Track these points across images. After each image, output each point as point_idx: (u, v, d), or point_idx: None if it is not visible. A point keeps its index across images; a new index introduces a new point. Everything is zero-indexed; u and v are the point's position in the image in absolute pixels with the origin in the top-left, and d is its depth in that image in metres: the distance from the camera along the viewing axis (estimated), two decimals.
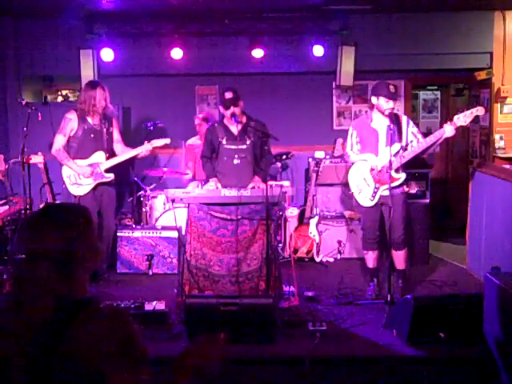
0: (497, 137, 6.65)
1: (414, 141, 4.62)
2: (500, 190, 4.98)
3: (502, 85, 6.56)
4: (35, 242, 1.54)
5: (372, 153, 4.69)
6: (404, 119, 4.74)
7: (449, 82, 7.93)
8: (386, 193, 4.52)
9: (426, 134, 4.79)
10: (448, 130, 4.42)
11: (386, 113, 4.55)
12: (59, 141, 5.11)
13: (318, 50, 6.40)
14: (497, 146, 6.63)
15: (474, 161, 6.96)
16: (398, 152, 4.59)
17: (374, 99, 4.62)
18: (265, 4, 6.09)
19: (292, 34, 6.51)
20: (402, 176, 4.64)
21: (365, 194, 4.73)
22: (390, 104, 4.52)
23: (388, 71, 6.68)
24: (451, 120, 4.49)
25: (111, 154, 5.29)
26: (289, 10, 6.31)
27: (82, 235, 1.59)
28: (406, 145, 4.65)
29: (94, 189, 5.17)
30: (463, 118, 4.40)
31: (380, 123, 4.65)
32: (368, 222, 4.79)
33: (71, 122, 5.11)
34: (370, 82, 7.03)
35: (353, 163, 4.84)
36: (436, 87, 8.51)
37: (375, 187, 4.68)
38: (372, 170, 4.67)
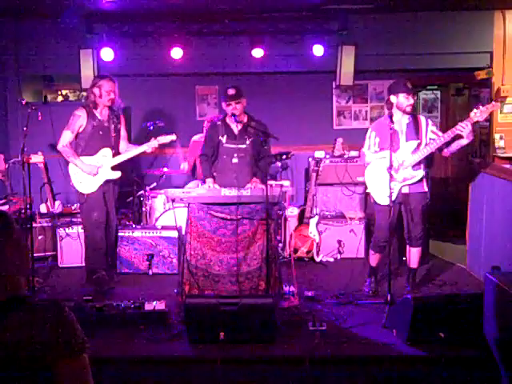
0: (497, 136, 6.65)
1: (436, 138, 4.55)
2: (500, 190, 4.97)
3: (502, 84, 6.56)
4: None
5: (392, 151, 4.52)
6: (422, 119, 4.71)
7: (449, 81, 7.93)
8: (406, 190, 4.53)
9: None
10: (463, 125, 4.38)
11: (408, 109, 4.55)
12: (66, 137, 4.97)
13: (318, 50, 6.41)
14: (497, 145, 6.63)
15: (474, 161, 6.95)
16: (417, 149, 4.55)
17: (393, 98, 4.60)
18: (265, 4, 6.08)
19: (292, 34, 6.51)
20: (420, 173, 4.60)
21: (382, 192, 4.63)
22: (410, 100, 4.53)
23: (388, 71, 6.68)
24: (468, 116, 4.45)
25: (117, 151, 5.19)
26: (289, 10, 6.31)
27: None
28: (426, 144, 4.58)
29: (101, 186, 5.07)
30: (480, 114, 4.38)
31: (399, 122, 4.61)
32: (381, 220, 4.71)
33: (80, 119, 4.97)
34: (369, 81, 7.05)
35: (369, 163, 4.80)
36: (436, 87, 8.50)
37: (392, 185, 4.52)
38: (389, 167, 4.51)
